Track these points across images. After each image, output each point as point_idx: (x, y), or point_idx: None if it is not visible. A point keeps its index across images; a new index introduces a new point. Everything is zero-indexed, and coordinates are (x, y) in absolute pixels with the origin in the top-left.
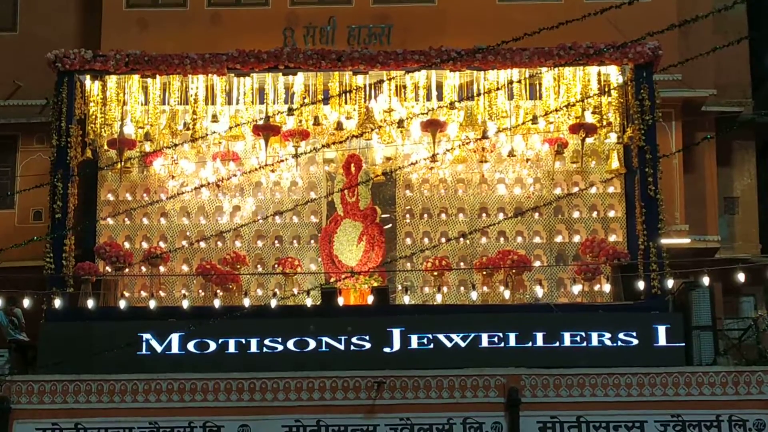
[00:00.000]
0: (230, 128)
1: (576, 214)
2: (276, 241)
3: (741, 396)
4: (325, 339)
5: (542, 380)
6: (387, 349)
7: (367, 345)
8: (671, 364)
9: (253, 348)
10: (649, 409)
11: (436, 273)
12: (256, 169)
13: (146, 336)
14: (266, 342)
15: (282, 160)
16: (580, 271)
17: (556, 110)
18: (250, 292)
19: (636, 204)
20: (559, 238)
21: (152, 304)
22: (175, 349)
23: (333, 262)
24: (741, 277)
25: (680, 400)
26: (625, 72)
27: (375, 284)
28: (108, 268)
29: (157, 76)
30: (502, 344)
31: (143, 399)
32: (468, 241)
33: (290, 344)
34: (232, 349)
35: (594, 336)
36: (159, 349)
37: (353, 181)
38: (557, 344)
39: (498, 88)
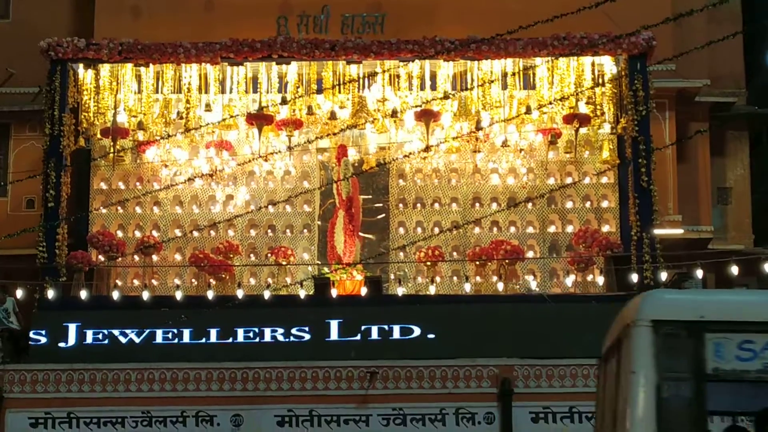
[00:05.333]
0: (224, 120)
1: (569, 204)
2: (269, 230)
3: None
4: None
5: (535, 371)
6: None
7: None
8: None
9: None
10: None
11: (428, 263)
12: (249, 161)
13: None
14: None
15: (274, 152)
16: (573, 261)
17: (550, 103)
18: (242, 281)
19: (629, 194)
20: (552, 228)
21: (145, 295)
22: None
23: (333, 253)
24: (734, 269)
25: None
26: (619, 62)
27: (355, 274)
28: (101, 257)
29: (151, 64)
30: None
31: (136, 388)
32: (461, 231)
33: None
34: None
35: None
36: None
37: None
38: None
39: (492, 81)
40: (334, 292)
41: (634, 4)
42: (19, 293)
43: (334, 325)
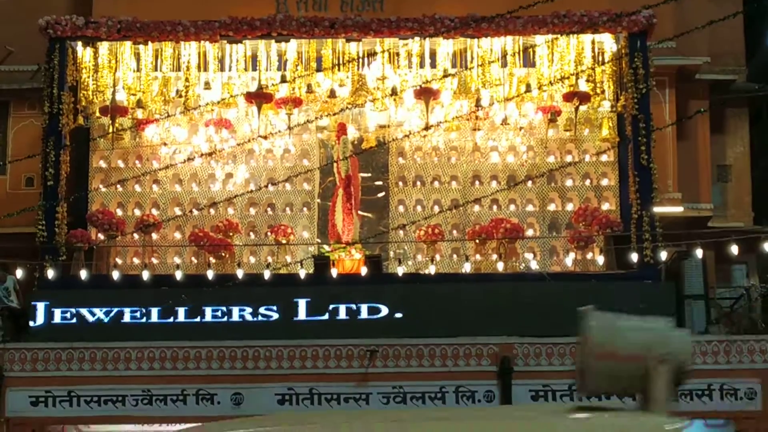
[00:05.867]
0: (223, 99)
1: (569, 182)
2: (268, 209)
3: (732, 365)
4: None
5: (534, 349)
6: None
7: None
8: None
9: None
10: None
11: (428, 241)
12: (249, 141)
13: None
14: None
15: (273, 133)
16: (572, 239)
17: (551, 83)
18: (242, 260)
19: (629, 172)
20: (552, 206)
21: (145, 274)
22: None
23: (334, 232)
24: (734, 249)
25: None
26: (619, 40)
27: (354, 252)
28: (100, 236)
29: (150, 42)
30: None
31: (136, 367)
32: (461, 209)
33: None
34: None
35: None
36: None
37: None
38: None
39: (492, 62)
40: (334, 272)
41: None
42: (19, 272)
43: (302, 304)
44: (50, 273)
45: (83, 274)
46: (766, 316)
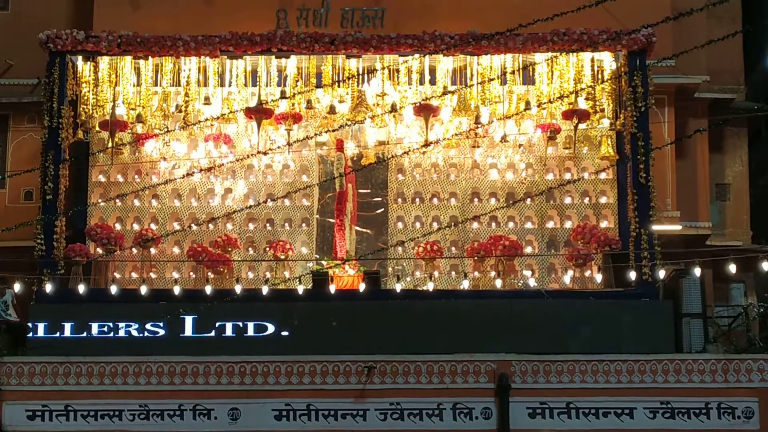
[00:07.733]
0: (223, 116)
1: (568, 200)
2: (267, 224)
3: (730, 384)
4: None
5: (532, 366)
6: None
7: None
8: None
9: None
10: (638, 396)
11: (427, 258)
12: (248, 156)
13: None
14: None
15: (272, 149)
16: (571, 257)
17: (550, 101)
18: (240, 275)
19: (628, 190)
20: (550, 224)
21: (143, 289)
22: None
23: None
24: (733, 268)
25: (669, 388)
26: (619, 58)
27: (347, 268)
28: (99, 250)
29: (150, 57)
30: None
31: (133, 381)
32: (459, 226)
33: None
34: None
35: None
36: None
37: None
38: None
39: (491, 79)
40: (332, 287)
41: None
42: (17, 286)
43: (188, 321)
44: (48, 287)
45: (81, 288)
46: (763, 335)
